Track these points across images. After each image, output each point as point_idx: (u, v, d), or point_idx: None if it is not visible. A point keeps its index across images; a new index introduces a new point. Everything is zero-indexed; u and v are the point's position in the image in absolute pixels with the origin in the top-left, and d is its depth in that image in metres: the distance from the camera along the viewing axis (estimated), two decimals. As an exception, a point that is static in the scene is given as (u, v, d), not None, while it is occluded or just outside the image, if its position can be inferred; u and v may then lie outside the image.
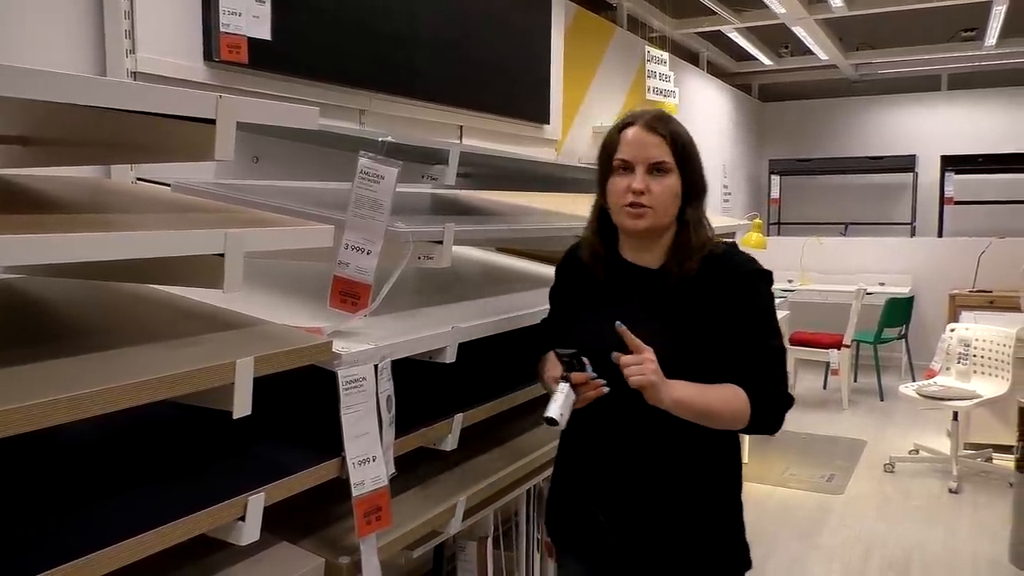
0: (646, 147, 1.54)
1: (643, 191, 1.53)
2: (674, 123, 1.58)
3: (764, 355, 1.55)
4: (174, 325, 1.41)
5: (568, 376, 1.51)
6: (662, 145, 1.54)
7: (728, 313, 1.54)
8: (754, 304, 1.56)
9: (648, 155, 1.54)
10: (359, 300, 1.49)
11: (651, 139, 1.54)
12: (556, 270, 1.79)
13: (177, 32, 2.26)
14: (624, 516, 1.61)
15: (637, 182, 1.53)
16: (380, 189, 1.47)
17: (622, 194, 1.55)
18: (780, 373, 1.56)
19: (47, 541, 1.06)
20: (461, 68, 3.41)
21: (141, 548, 1.10)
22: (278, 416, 1.57)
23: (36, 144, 1.44)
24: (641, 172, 1.54)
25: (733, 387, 1.53)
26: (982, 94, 9.09)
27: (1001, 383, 4.68)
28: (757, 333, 1.55)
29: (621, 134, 1.58)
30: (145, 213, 1.37)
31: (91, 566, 1.04)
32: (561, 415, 1.46)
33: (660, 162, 1.54)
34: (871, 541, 3.82)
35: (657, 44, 6.32)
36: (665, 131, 1.55)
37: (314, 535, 1.49)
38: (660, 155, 1.54)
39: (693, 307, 1.55)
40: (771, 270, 1.62)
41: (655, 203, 1.54)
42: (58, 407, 0.97)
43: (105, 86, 1.07)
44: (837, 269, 7.66)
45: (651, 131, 1.55)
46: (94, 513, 1.15)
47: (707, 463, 1.61)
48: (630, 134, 1.56)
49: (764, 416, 1.54)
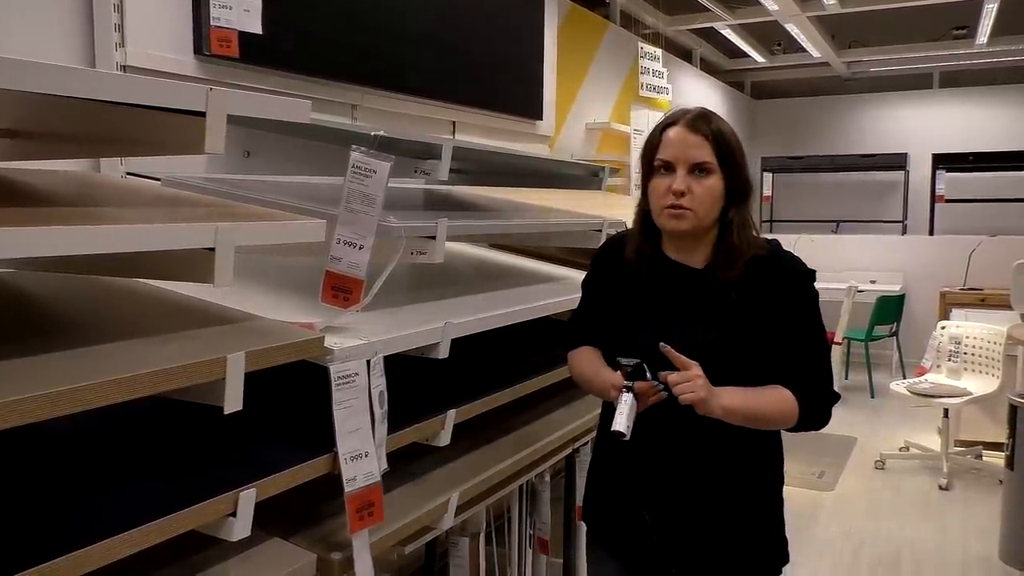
0: (688, 147, 1.51)
1: (684, 192, 1.50)
2: (718, 121, 1.55)
3: (811, 354, 1.56)
4: (165, 320, 1.40)
5: (632, 386, 1.50)
6: (704, 145, 1.51)
7: (775, 313, 1.54)
8: (800, 304, 1.56)
9: (689, 155, 1.51)
10: (351, 295, 1.48)
11: (693, 139, 1.51)
12: (594, 260, 1.77)
13: (167, 25, 2.24)
14: (670, 515, 1.61)
15: (677, 183, 1.51)
16: (372, 184, 1.46)
17: (663, 195, 1.53)
18: (827, 370, 1.58)
19: (35, 537, 1.05)
20: (454, 64, 3.40)
21: (131, 544, 1.09)
22: (270, 412, 1.56)
23: (24, 137, 1.43)
24: (682, 173, 1.51)
25: (780, 389, 1.53)
26: (973, 92, 9.13)
27: (991, 380, 4.70)
28: (803, 332, 1.56)
29: (663, 134, 1.54)
30: (135, 207, 1.36)
31: (79, 562, 1.03)
32: (628, 427, 1.46)
33: (702, 163, 1.51)
34: (861, 537, 3.84)
35: (650, 41, 6.32)
36: (708, 130, 1.52)
37: (306, 531, 1.48)
38: (702, 155, 1.51)
39: (739, 308, 1.54)
40: (815, 269, 1.60)
41: (696, 204, 1.51)
42: (48, 402, 0.96)
43: (94, 78, 1.06)
44: (828, 267, 7.65)
45: (693, 130, 1.52)
46: (83, 509, 1.14)
47: (753, 461, 1.62)
48: (672, 134, 1.53)
49: (812, 414, 1.55)
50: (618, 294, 1.67)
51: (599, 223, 2.44)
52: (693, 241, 1.59)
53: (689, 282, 1.59)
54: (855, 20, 7.28)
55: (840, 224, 9.37)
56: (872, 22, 7.45)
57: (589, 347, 1.72)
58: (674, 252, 1.62)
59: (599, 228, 2.43)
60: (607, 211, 2.68)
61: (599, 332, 1.70)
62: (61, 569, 1.01)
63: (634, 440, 1.58)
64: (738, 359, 1.53)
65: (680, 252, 1.62)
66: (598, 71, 5.51)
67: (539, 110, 4.17)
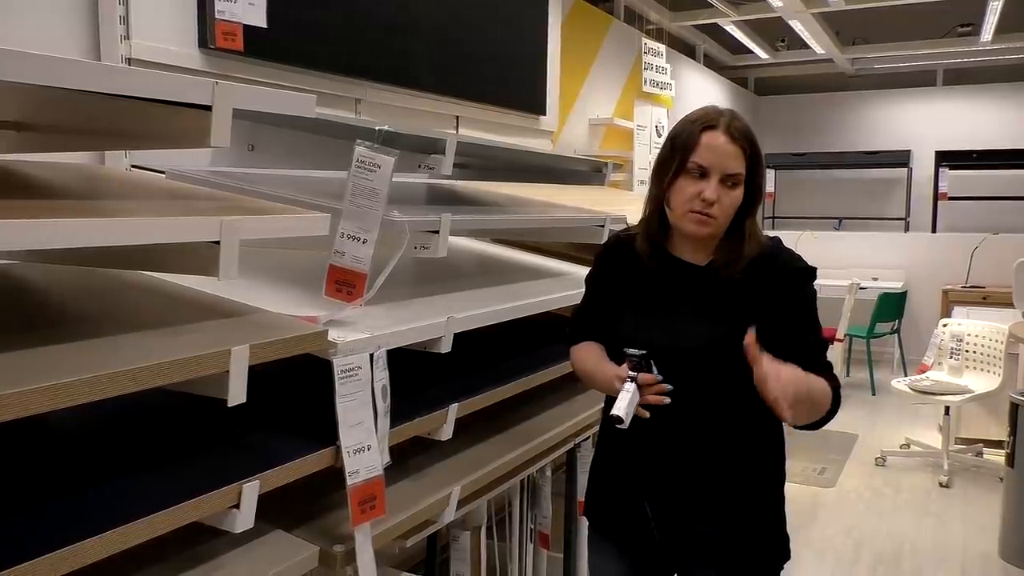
0: (727, 157, 1.50)
1: (715, 202, 1.50)
2: (749, 130, 1.54)
3: (812, 348, 1.56)
4: (169, 312, 1.40)
5: (635, 376, 1.52)
6: (740, 157, 1.50)
7: (776, 310, 1.54)
8: (800, 301, 1.57)
9: (727, 166, 1.50)
10: (355, 289, 1.48)
11: (732, 149, 1.50)
12: (599, 257, 1.76)
13: (172, 18, 2.24)
14: (671, 508, 1.62)
15: (711, 191, 1.49)
16: (377, 178, 1.47)
17: (690, 199, 1.51)
18: (828, 364, 1.58)
19: (39, 528, 1.06)
20: (458, 59, 3.40)
21: (135, 535, 1.10)
22: (273, 405, 1.57)
23: (30, 130, 1.43)
24: (715, 182, 1.50)
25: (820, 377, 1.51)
26: (977, 90, 9.10)
27: (993, 378, 4.70)
28: (804, 328, 1.57)
29: (702, 135, 1.51)
30: (140, 200, 1.36)
31: (83, 553, 1.04)
32: (627, 414, 1.48)
33: (736, 174, 1.50)
34: (862, 534, 3.84)
35: (654, 36, 6.31)
36: (745, 143, 1.51)
37: (309, 524, 1.49)
38: (738, 167, 1.50)
39: (740, 304, 1.55)
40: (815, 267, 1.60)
41: (720, 213, 1.51)
42: (52, 394, 0.97)
43: (101, 71, 1.06)
44: (831, 264, 7.66)
45: (733, 140, 1.50)
46: (87, 500, 1.14)
47: (755, 456, 1.62)
48: (711, 139, 1.50)
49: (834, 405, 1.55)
50: (622, 290, 1.68)
51: (602, 219, 2.44)
52: (702, 241, 1.59)
53: (692, 278, 1.60)
54: (859, 17, 7.27)
55: (843, 221, 9.35)
56: (876, 19, 7.43)
57: (592, 342, 1.73)
58: (678, 249, 1.63)
59: (602, 224, 2.43)
60: (610, 207, 2.68)
61: (602, 327, 1.70)
62: (66, 559, 1.02)
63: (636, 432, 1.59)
64: (740, 356, 1.54)
65: (684, 249, 1.62)
66: (601, 67, 5.50)
67: (542, 105, 4.17)
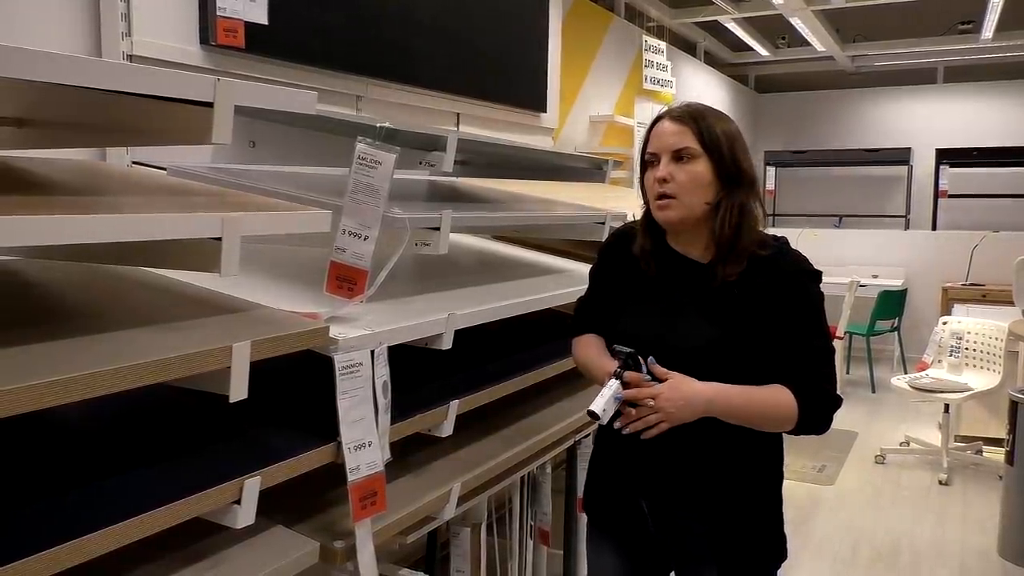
0: (669, 135, 1.55)
1: (666, 178, 1.53)
2: (702, 111, 1.57)
3: (812, 355, 1.55)
4: (170, 309, 1.40)
5: (621, 373, 1.51)
6: (685, 132, 1.54)
7: (776, 313, 1.53)
8: (803, 304, 1.55)
9: (669, 143, 1.54)
10: (356, 286, 1.49)
11: (673, 127, 1.55)
12: (601, 251, 1.78)
13: (173, 15, 2.24)
14: (667, 505, 1.63)
15: (660, 171, 1.54)
16: (377, 175, 1.47)
17: (651, 187, 1.57)
18: (828, 373, 1.56)
19: (41, 522, 1.06)
20: (459, 55, 3.40)
21: (136, 530, 1.10)
22: (274, 401, 1.57)
23: (31, 126, 1.43)
24: (664, 160, 1.54)
25: (780, 388, 1.52)
26: (978, 87, 9.10)
27: (992, 376, 4.70)
28: (805, 333, 1.55)
29: (653, 128, 1.59)
30: (141, 196, 1.36)
31: (85, 547, 1.04)
32: (604, 411, 1.47)
33: (682, 148, 1.53)
34: (861, 531, 3.85)
35: (654, 34, 6.31)
36: (689, 119, 1.55)
37: (309, 519, 1.49)
38: (684, 142, 1.53)
39: (741, 306, 1.54)
40: (821, 270, 1.60)
41: (679, 190, 1.53)
42: (53, 389, 0.97)
43: (103, 67, 1.06)
44: (831, 261, 7.66)
45: (675, 120, 1.56)
46: (88, 495, 1.15)
47: (751, 456, 1.62)
48: (658, 128, 1.58)
49: (812, 417, 1.54)
50: (623, 285, 1.68)
51: (602, 216, 2.44)
52: (691, 232, 1.59)
53: (692, 276, 1.60)
54: (860, 14, 7.26)
55: (843, 219, 9.35)
56: (877, 16, 7.42)
57: (593, 335, 1.74)
58: (676, 244, 1.63)
59: (602, 221, 2.43)
60: (611, 204, 2.68)
61: (603, 320, 1.71)
62: (68, 555, 1.02)
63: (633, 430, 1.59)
64: (739, 358, 1.54)
65: (682, 244, 1.62)
66: (602, 64, 5.50)
67: (543, 102, 4.17)
